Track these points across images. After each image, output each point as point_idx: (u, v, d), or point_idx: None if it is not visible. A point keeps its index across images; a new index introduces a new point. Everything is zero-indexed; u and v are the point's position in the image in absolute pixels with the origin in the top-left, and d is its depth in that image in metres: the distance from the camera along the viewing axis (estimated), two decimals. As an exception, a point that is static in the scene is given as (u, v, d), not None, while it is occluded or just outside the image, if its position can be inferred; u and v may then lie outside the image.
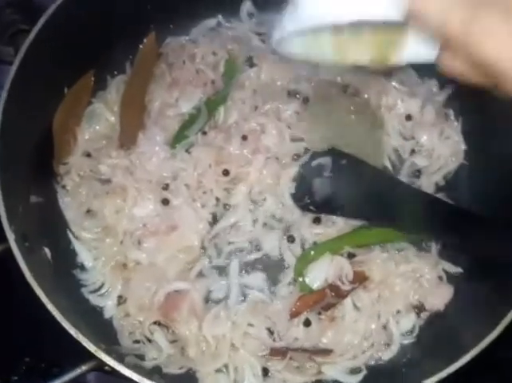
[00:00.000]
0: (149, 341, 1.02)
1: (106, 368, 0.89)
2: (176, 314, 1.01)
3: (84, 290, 1.06)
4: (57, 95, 1.11)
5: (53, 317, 0.87)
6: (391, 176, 1.15)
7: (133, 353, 1.00)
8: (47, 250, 1.02)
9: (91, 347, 0.86)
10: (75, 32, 1.10)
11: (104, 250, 1.08)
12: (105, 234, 1.08)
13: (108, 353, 0.87)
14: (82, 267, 1.08)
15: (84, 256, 1.09)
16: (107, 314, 1.05)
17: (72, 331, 0.86)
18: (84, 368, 0.90)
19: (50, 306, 0.87)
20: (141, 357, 1.00)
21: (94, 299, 1.06)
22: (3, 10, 1.21)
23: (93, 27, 1.12)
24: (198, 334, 1.00)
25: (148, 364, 0.99)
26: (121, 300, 1.05)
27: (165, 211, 1.09)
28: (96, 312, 1.05)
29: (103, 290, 1.06)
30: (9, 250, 0.91)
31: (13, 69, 1.01)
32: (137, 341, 1.02)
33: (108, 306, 1.05)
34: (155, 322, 1.02)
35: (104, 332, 1.02)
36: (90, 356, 0.87)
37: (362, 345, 1.02)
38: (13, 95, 0.99)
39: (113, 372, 0.88)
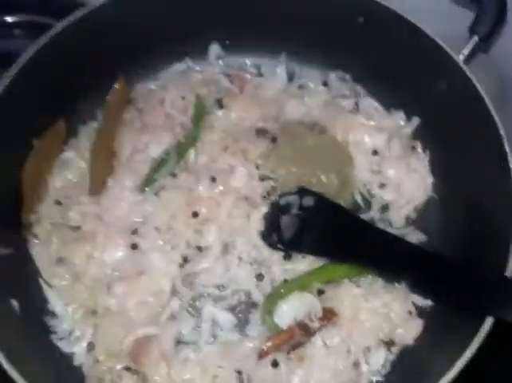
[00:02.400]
0: (118, 387, 1.01)
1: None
2: (146, 359, 1.01)
3: (53, 337, 1.06)
4: (25, 145, 1.12)
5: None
6: (355, 216, 1.15)
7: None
8: (14, 302, 1.02)
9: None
10: (45, 82, 1.12)
11: (74, 297, 1.08)
12: (75, 280, 1.08)
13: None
14: (53, 314, 1.08)
15: (56, 303, 1.08)
16: (77, 361, 1.04)
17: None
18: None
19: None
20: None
21: (64, 346, 1.05)
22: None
23: (63, 77, 1.14)
24: (168, 379, 1.00)
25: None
26: (91, 346, 1.04)
27: (134, 256, 1.09)
28: (66, 359, 1.04)
29: (73, 337, 1.06)
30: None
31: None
32: (107, 388, 1.01)
33: (78, 353, 1.05)
34: (124, 368, 1.01)
35: (74, 380, 1.02)
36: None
37: (332, 384, 1.01)
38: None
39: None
